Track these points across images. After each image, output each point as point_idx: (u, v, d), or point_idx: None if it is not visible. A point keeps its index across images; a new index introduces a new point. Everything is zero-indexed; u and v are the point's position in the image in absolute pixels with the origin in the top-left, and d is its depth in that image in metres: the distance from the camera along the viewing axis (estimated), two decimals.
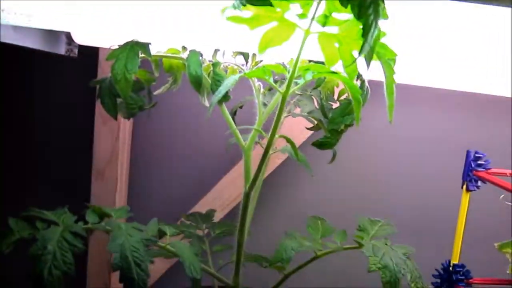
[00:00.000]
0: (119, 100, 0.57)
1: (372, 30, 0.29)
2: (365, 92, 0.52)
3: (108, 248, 0.41)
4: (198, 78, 0.49)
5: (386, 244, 0.51)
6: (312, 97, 0.65)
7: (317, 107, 0.62)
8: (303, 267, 0.55)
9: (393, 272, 0.44)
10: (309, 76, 0.42)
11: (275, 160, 0.90)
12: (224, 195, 0.92)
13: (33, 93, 0.97)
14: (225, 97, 0.52)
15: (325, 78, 0.51)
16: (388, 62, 0.37)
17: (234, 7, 0.37)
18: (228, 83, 0.42)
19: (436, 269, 0.67)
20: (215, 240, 0.72)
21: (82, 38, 0.63)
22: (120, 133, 0.91)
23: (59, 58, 0.78)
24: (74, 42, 0.64)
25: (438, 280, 0.67)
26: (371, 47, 0.32)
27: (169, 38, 0.61)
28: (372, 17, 0.29)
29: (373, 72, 0.40)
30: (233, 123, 0.53)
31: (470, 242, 0.68)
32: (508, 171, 0.63)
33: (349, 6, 0.33)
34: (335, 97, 0.61)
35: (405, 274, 0.47)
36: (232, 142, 0.58)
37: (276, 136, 0.46)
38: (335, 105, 0.59)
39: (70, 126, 0.97)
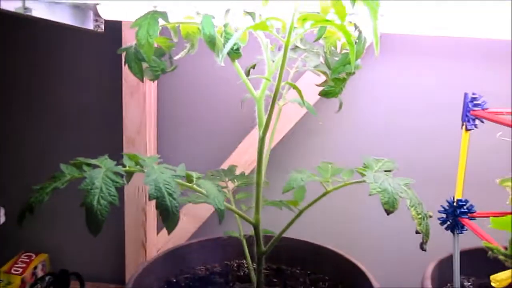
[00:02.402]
0: (144, 65, 0.64)
1: None
2: (362, 41, 0.58)
3: (144, 182, 0.49)
4: (211, 37, 0.56)
5: (386, 176, 0.57)
6: (318, 53, 0.71)
7: (323, 61, 0.68)
8: (315, 202, 0.62)
9: (391, 194, 0.50)
10: (307, 25, 0.48)
11: (290, 120, 0.97)
12: (244, 156, 0.99)
13: (63, 67, 1.06)
14: (237, 53, 0.58)
15: (325, 29, 0.56)
16: (373, 7, 0.43)
17: None
18: (236, 35, 0.48)
19: (441, 205, 0.72)
20: (237, 191, 0.80)
21: (107, 13, 0.70)
22: (146, 104, 0.99)
23: (86, 33, 0.86)
24: (101, 18, 0.71)
25: (444, 215, 0.73)
26: None
27: (185, 8, 0.67)
28: None
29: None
30: (245, 76, 0.60)
31: (472, 180, 0.74)
32: (504, 109, 0.68)
33: None
34: (338, 50, 0.67)
35: (403, 198, 0.53)
36: (247, 97, 0.65)
37: (282, 82, 0.52)
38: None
39: (101, 98, 1.06)
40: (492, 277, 0.46)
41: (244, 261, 0.81)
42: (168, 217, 0.48)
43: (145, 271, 0.72)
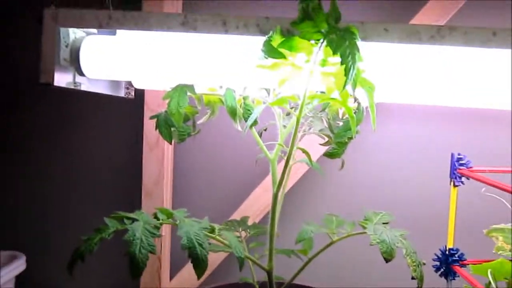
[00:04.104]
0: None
1: (351, 71, 0.45)
2: (361, 111, 0.68)
3: (178, 234, 0.57)
4: (233, 109, 0.66)
5: (385, 228, 0.65)
6: (322, 118, 0.81)
7: (326, 126, 0.78)
8: (323, 251, 0.70)
9: (388, 244, 0.59)
10: (315, 102, 0.58)
11: (296, 174, 1.06)
12: (253, 207, 1.08)
13: (92, 125, 1.17)
14: (255, 122, 0.68)
15: (329, 103, 0.66)
16: (369, 89, 0.53)
17: (259, 59, 0.54)
18: (258, 110, 0.58)
19: (435, 253, 0.80)
20: (250, 240, 0.88)
21: (138, 83, 0.80)
22: (164, 159, 1.08)
23: (112, 100, 0.97)
24: (132, 87, 0.82)
25: (438, 263, 0.80)
26: (354, 80, 0.48)
27: (207, 81, 0.78)
28: (350, 62, 0.45)
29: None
30: (261, 141, 0.69)
31: (462, 230, 0.82)
32: (486, 168, 0.77)
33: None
34: (340, 116, 0.77)
35: (400, 247, 0.61)
36: (260, 156, 0.74)
37: (295, 148, 0.62)
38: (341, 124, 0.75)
39: (122, 153, 1.16)
40: None
41: None
42: (198, 265, 0.56)
43: None
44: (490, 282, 0.50)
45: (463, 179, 0.78)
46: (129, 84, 0.82)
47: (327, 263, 1.08)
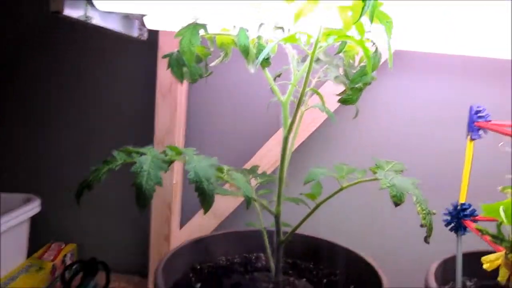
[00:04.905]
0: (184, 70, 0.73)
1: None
2: (378, 55, 0.65)
3: (185, 168, 0.56)
4: (246, 47, 0.64)
5: (396, 175, 0.64)
6: (338, 65, 0.79)
7: (342, 73, 0.76)
8: (331, 198, 0.69)
9: (399, 188, 0.58)
10: (330, 40, 0.56)
11: (308, 128, 1.05)
12: (265, 159, 1.07)
13: (105, 69, 1.17)
14: (267, 61, 0.66)
15: (346, 43, 0.64)
16: (387, 24, 0.51)
17: None
18: (269, 46, 0.56)
19: (446, 208, 0.79)
20: (259, 189, 0.88)
21: (151, 23, 0.79)
22: (177, 107, 1.07)
23: (126, 40, 0.95)
24: (145, 27, 0.80)
25: (449, 218, 0.79)
26: (371, 11, 0.45)
27: (222, 21, 0.76)
28: None
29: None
30: (273, 82, 0.67)
31: (476, 186, 0.80)
32: (506, 122, 0.75)
33: None
34: (356, 64, 0.75)
35: (410, 193, 0.60)
36: (272, 100, 0.73)
37: (307, 89, 0.60)
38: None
39: (135, 99, 1.16)
40: (483, 258, 0.53)
41: (262, 254, 0.88)
42: (205, 199, 0.55)
43: (174, 255, 0.80)
44: (501, 222, 0.49)
45: (481, 133, 0.76)
46: (142, 24, 0.80)
47: (336, 213, 1.08)
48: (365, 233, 1.09)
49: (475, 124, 0.75)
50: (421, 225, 0.63)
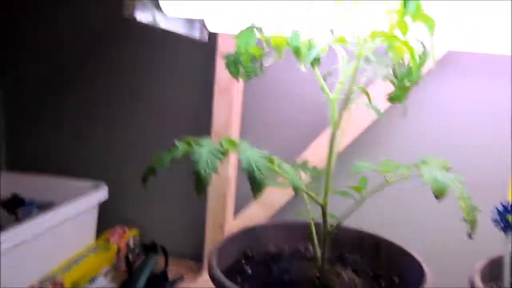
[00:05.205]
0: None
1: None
2: (425, 55, 0.68)
3: (239, 158, 0.62)
4: (298, 48, 0.68)
5: (440, 171, 0.66)
6: (388, 65, 0.81)
7: (391, 72, 0.79)
8: (377, 192, 0.72)
9: (440, 182, 0.60)
10: (377, 41, 0.60)
11: (357, 128, 1.08)
12: (315, 156, 1.11)
13: (164, 67, 1.26)
14: (317, 61, 0.71)
15: (392, 44, 0.67)
16: (430, 25, 0.54)
17: None
18: (319, 47, 0.61)
19: (495, 206, 0.79)
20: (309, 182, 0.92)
21: (211, 26, 0.86)
22: (233, 104, 1.14)
23: (186, 42, 1.03)
24: (206, 29, 0.87)
25: (498, 216, 0.79)
26: (413, 12, 0.49)
27: (276, 22, 0.81)
28: None
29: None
30: (322, 80, 0.72)
31: None
32: None
33: None
34: (406, 63, 0.77)
35: (452, 188, 0.62)
36: (323, 98, 0.77)
37: (354, 86, 0.64)
38: None
39: (193, 97, 1.24)
40: None
41: (310, 244, 0.93)
42: (255, 187, 0.61)
43: (227, 242, 0.86)
44: None
45: None
46: (203, 26, 0.87)
47: (383, 208, 1.10)
48: (410, 229, 1.11)
49: None
50: (464, 220, 0.64)
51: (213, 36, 1.06)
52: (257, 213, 1.17)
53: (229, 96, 1.12)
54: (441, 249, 1.09)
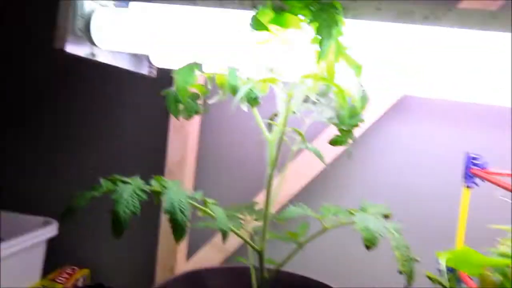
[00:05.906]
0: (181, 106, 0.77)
1: (325, 42, 0.45)
2: (365, 97, 0.66)
3: (162, 199, 0.59)
4: (234, 87, 0.67)
5: (377, 218, 0.63)
6: (333, 107, 0.80)
7: None
8: (314, 238, 0.69)
9: (371, 232, 0.57)
10: (308, 82, 0.58)
11: (306, 175, 1.06)
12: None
13: (120, 102, 1.23)
14: (255, 101, 0.69)
15: (331, 87, 0.66)
16: (356, 68, 0.52)
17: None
18: (245, 87, 0.59)
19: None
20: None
21: (158, 62, 0.84)
22: (188, 142, 1.11)
23: (142, 79, 1.01)
24: (153, 65, 0.85)
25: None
26: (336, 53, 0.47)
27: (225, 61, 0.80)
28: (325, 32, 0.45)
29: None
30: (261, 121, 0.70)
31: (473, 235, 0.77)
32: (504, 172, 0.72)
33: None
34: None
35: (386, 237, 0.59)
36: (262, 138, 0.75)
37: (286, 126, 0.62)
38: None
39: (149, 134, 1.21)
40: None
41: None
42: (176, 229, 0.57)
43: (169, 284, 0.81)
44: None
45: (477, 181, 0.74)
46: (150, 61, 0.86)
47: (323, 253, 1.07)
48: (353, 274, 1.07)
49: (471, 172, 0.73)
50: (399, 272, 0.61)
51: (164, 71, 1.04)
52: (210, 256, 1.12)
53: (183, 133, 1.10)
54: None
